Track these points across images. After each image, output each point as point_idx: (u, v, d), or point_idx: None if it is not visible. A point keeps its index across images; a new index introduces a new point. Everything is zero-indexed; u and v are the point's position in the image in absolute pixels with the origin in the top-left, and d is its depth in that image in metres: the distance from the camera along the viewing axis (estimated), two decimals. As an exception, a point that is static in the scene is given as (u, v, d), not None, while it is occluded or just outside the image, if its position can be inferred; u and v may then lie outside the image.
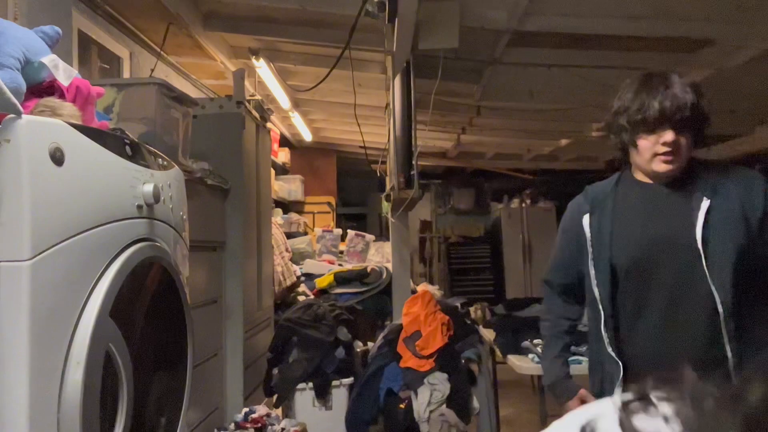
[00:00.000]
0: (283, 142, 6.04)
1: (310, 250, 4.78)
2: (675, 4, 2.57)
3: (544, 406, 2.27)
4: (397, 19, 2.27)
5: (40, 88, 1.25)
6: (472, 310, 3.61)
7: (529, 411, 3.58)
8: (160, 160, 1.54)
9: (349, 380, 2.86)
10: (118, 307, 1.18)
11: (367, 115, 4.25)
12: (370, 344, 3.15)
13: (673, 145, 1.35)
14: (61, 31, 1.32)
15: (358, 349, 3.15)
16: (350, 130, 5.46)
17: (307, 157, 6.71)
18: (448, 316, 2.80)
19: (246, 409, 2.52)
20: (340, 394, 2.83)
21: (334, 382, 2.83)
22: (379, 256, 4.83)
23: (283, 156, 5.91)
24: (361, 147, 4.17)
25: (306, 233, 5.30)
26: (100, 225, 1.17)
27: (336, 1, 2.79)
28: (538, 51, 3.18)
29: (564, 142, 5.59)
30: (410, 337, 2.69)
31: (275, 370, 2.87)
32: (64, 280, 1.07)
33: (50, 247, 1.03)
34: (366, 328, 3.44)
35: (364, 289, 3.71)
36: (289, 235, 4.65)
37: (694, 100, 1.35)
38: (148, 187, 1.36)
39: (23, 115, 1.02)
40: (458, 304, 3.32)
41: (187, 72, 3.86)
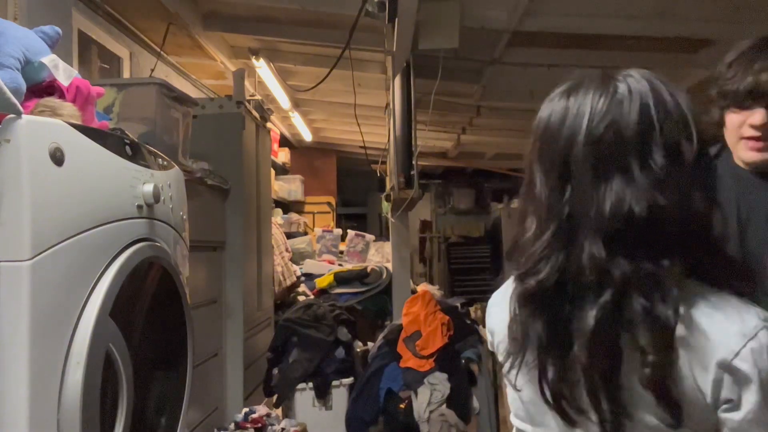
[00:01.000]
0: (283, 142, 6.04)
1: (310, 250, 4.79)
2: (675, 4, 2.57)
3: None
4: (397, 19, 2.27)
5: (40, 88, 1.25)
6: (472, 310, 3.61)
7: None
8: (160, 160, 1.54)
9: (349, 380, 2.86)
10: (118, 307, 1.17)
11: (367, 115, 4.24)
12: (370, 344, 3.15)
13: (764, 130, 1.09)
14: (61, 31, 1.32)
15: (358, 349, 3.15)
16: (350, 130, 5.45)
17: (307, 157, 6.71)
18: (448, 316, 2.80)
19: (246, 409, 2.52)
20: (340, 394, 2.83)
21: (334, 382, 2.83)
22: (379, 256, 4.83)
23: (283, 156, 5.91)
24: (361, 147, 4.17)
25: (306, 233, 5.30)
26: (100, 225, 1.17)
27: (336, 1, 2.79)
28: (538, 51, 3.18)
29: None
30: (410, 337, 2.69)
31: (275, 370, 2.87)
32: (64, 280, 1.07)
33: (50, 247, 1.03)
34: (366, 328, 3.44)
35: (364, 289, 3.71)
36: (289, 235, 4.65)
37: None
38: (148, 187, 1.36)
39: (23, 115, 1.02)
40: (458, 304, 3.32)
41: (187, 72, 3.86)
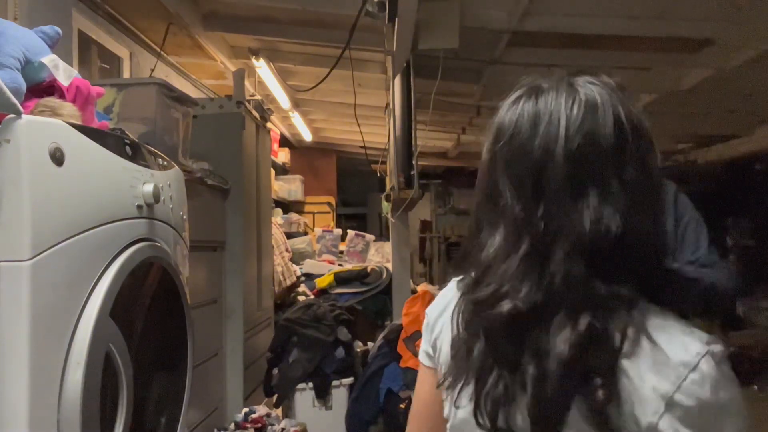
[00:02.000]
0: (283, 142, 6.04)
1: (310, 250, 4.79)
2: (675, 4, 2.57)
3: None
4: (397, 19, 2.27)
5: (40, 88, 1.25)
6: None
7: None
8: (160, 160, 1.54)
9: (349, 380, 2.86)
10: (118, 307, 1.17)
11: (367, 115, 4.24)
12: (370, 344, 3.15)
13: None
14: (61, 31, 1.32)
15: (358, 349, 3.15)
16: (350, 130, 5.45)
17: (307, 157, 6.71)
18: (448, 316, 2.80)
19: (246, 409, 2.52)
20: (340, 394, 2.84)
21: (334, 382, 2.83)
22: (379, 256, 4.83)
23: (283, 156, 5.91)
24: (361, 147, 4.17)
25: (306, 233, 5.30)
26: (100, 225, 1.17)
27: (336, 1, 2.79)
28: (538, 51, 3.18)
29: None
30: (410, 337, 2.69)
31: (275, 370, 2.87)
32: (64, 280, 1.07)
33: (50, 247, 1.03)
34: (366, 328, 3.44)
35: (364, 289, 3.71)
36: (289, 235, 4.65)
37: None
38: (148, 187, 1.36)
39: (23, 115, 1.02)
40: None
41: (187, 72, 3.86)
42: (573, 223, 0.68)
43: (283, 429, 2.44)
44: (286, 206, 5.99)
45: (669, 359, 0.65)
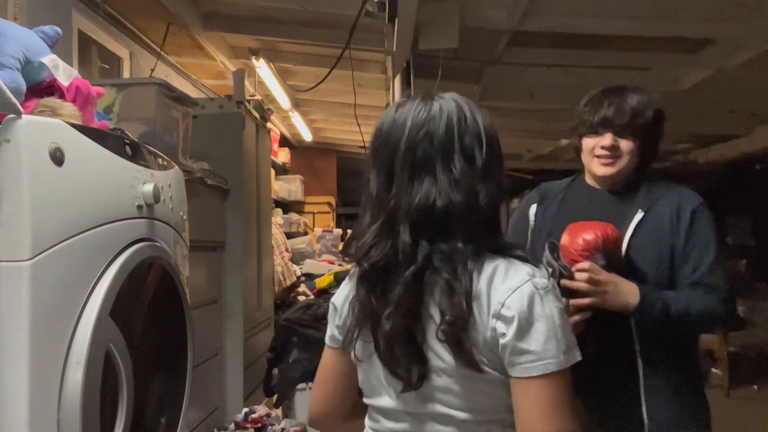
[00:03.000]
0: (283, 142, 6.04)
1: (310, 250, 4.78)
2: (675, 4, 2.57)
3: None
4: (397, 19, 2.28)
5: (40, 88, 1.25)
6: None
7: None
8: (160, 160, 1.54)
9: (349, 380, 2.85)
10: (118, 307, 1.18)
11: (367, 115, 4.24)
12: (370, 344, 3.14)
13: (611, 150, 1.42)
14: (61, 31, 1.32)
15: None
16: (350, 130, 5.45)
17: (307, 157, 6.71)
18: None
19: (246, 409, 2.52)
20: (340, 394, 2.83)
21: (334, 382, 2.83)
22: (379, 256, 4.82)
23: (283, 156, 5.91)
24: (361, 147, 4.17)
25: (306, 233, 5.30)
26: (100, 225, 1.17)
27: (336, 1, 2.79)
28: (538, 51, 3.18)
29: (564, 142, 5.59)
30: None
31: (275, 370, 2.87)
32: (64, 280, 1.07)
33: (50, 247, 1.03)
34: (366, 328, 3.43)
35: (364, 289, 3.70)
36: (289, 235, 4.65)
37: (641, 111, 1.40)
38: (148, 187, 1.36)
39: (23, 115, 1.02)
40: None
41: (187, 72, 3.86)
42: (408, 200, 0.91)
43: (283, 429, 2.44)
44: (286, 206, 5.99)
45: (498, 288, 0.88)
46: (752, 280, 5.95)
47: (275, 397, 2.86)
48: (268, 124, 3.49)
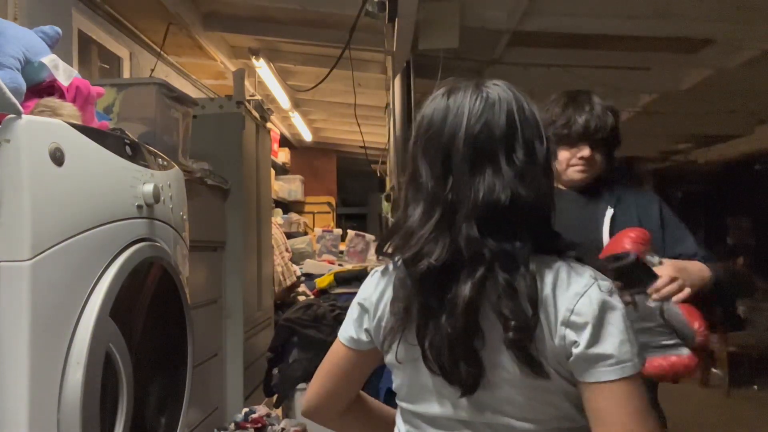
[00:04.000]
0: (283, 142, 6.04)
1: (310, 250, 4.78)
2: (675, 4, 2.57)
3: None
4: (397, 19, 2.27)
5: (40, 88, 1.25)
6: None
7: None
8: (160, 160, 1.54)
9: (349, 380, 2.85)
10: (118, 307, 1.17)
11: (367, 115, 4.25)
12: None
13: (589, 159, 1.50)
14: (61, 31, 1.32)
15: (358, 349, 3.14)
16: (350, 130, 5.46)
17: (307, 157, 6.71)
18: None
19: (246, 409, 2.52)
20: (340, 394, 2.83)
21: (334, 382, 2.83)
22: (380, 256, 4.82)
23: (283, 156, 5.91)
24: (361, 147, 4.18)
25: (306, 233, 5.30)
26: (100, 225, 1.17)
27: (336, 1, 2.79)
28: (538, 51, 3.18)
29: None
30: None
31: (275, 370, 2.86)
32: (64, 280, 1.07)
33: (50, 247, 1.03)
34: (366, 328, 3.43)
35: (364, 289, 3.70)
36: (289, 235, 4.65)
37: (613, 123, 1.50)
38: (148, 187, 1.36)
39: (23, 115, 1.02)
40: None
41: (187, 72, 3.86)
42: (471, 194, 0.85)
43: (283, 429, 2.44)
44: (286, 206, 5.99)
45: (565, 293, 0.84)
46: (752, 280, 5.94)
47: (275, 397, 2.86)
48: (268, 124, 3.49)
